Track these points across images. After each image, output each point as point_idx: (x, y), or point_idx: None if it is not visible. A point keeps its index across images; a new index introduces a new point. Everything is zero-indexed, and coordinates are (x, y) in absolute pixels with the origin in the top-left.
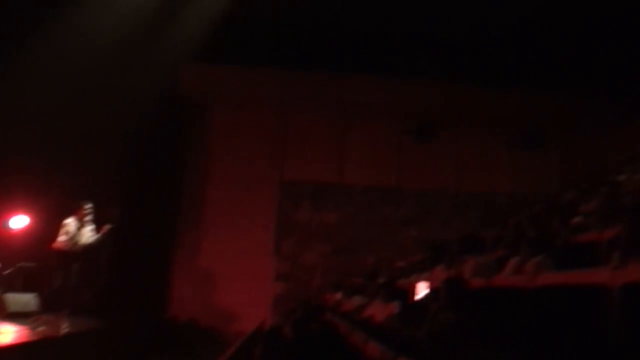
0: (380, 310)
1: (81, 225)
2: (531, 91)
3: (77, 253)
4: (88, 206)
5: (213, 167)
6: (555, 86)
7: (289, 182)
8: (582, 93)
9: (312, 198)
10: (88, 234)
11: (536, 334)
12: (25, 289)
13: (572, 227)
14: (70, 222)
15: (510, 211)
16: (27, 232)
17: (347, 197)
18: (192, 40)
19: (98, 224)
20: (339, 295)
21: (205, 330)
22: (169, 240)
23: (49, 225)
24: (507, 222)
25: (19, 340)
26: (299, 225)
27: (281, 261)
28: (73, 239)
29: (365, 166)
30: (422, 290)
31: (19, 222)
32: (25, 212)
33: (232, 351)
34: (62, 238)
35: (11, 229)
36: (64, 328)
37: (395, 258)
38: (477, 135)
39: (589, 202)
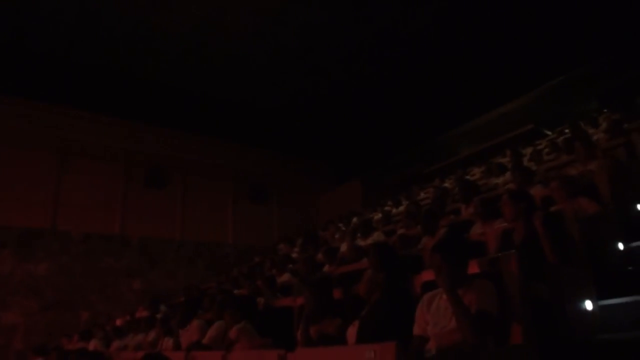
0: None
1: None
2: (254, 147)
3: None
4: None
5: None
6: (278, 146)
7: None
8: (300, 156)
9: (17, 246)
10: None
11: None
12: None
13: (278, 287)
14: None
15: (235, 262)
16: None
17: (61, 245)
18: None
19: None
20: None
21: None
22: None
23: None
24: (228, 276)
25: None
26: None
27: None
28: None
29: (85, 211)
30: None
31: None
32: None
33: None
34: None
35: None
36: None
37: (116, 313)
38: (206, 186)
39: (296, 261)
